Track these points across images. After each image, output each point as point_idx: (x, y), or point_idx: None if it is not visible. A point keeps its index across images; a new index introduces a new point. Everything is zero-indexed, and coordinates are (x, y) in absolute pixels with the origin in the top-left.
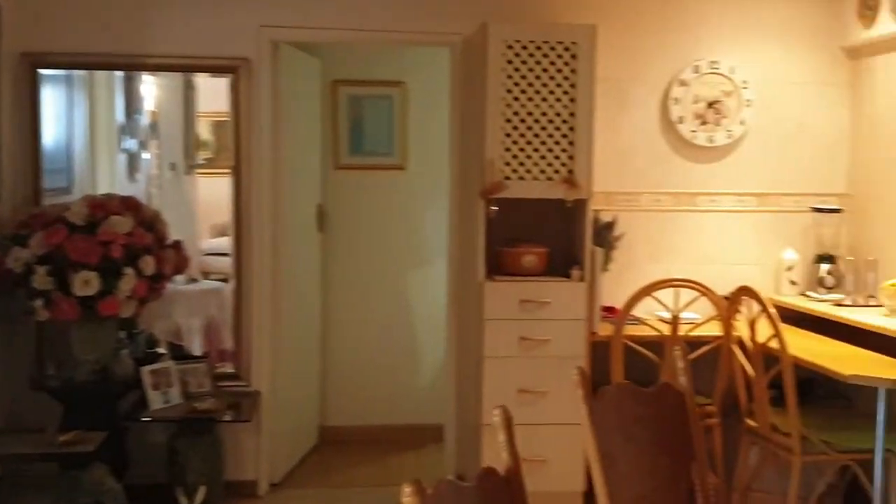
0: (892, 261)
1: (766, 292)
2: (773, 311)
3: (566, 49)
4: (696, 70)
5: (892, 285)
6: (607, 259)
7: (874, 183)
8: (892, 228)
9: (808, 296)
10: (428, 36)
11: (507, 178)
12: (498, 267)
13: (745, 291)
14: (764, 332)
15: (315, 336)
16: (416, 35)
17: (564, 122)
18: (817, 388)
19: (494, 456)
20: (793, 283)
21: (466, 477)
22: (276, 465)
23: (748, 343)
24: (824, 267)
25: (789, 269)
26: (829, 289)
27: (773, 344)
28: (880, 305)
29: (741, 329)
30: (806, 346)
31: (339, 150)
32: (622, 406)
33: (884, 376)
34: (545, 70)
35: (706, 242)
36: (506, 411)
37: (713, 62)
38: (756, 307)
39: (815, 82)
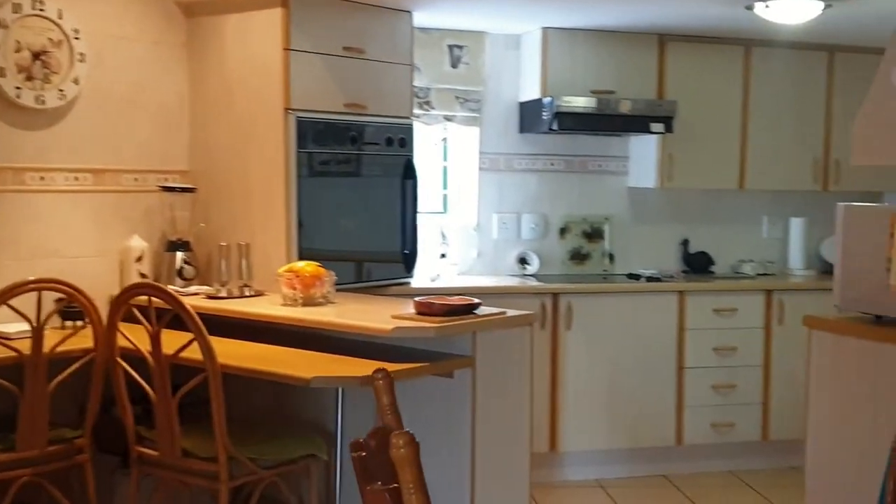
0: (260, 245)
1: (112, 288)
2: (190, 309)
3: None
4: (18, 9)
5: (288, 271)
6: None
7: (219, 159)
8: (247, 209)
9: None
10: None
11: None
12: None
13: (143, 288)
14: (170, 338)
15: None
16: None
17: None
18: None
19: None
20: (143, 275)
21: None
22: None
23: (147, 355)
24: (180, 255)
25: (139, 259)
26: (188, 280)
27: (189, 352)
28: (260, 294)
29: (142, 337)
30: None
31: None
32: None
33: (346, 374)
34: None
35: (40, 231)
36: None
37: (38, 1)
38: (161, 307)
39: (151, 40)
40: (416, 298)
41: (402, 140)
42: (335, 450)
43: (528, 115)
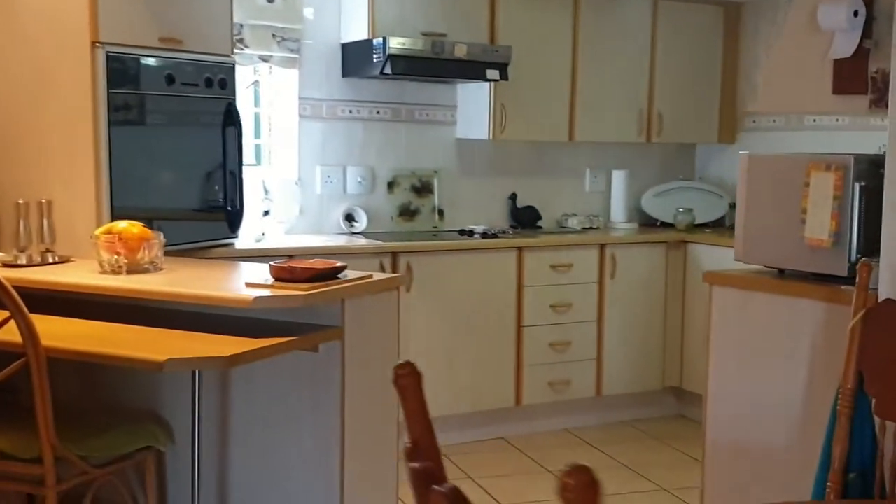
0: (62, 205)
1: None
2: (3, 281)
3: None
4: None
5: (107, 233)
6: None
7: (10, 103)
8: (46, 162)
9: None
10: None
11: None
12: None
13: None
14: None
15: None
16: None
17: None
18: None
19: None
20: None
21: None
22: None
23: None
24: None
25: None
26: None
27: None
28: (66, 260)
29: None
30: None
31: None
32: None
33: (205, 355)
34: None
35: None
36: None
37: None
38: None
39: None
40: (272, 263)
41: (222, 81)
42: (191, 441)
43: (354, 58)
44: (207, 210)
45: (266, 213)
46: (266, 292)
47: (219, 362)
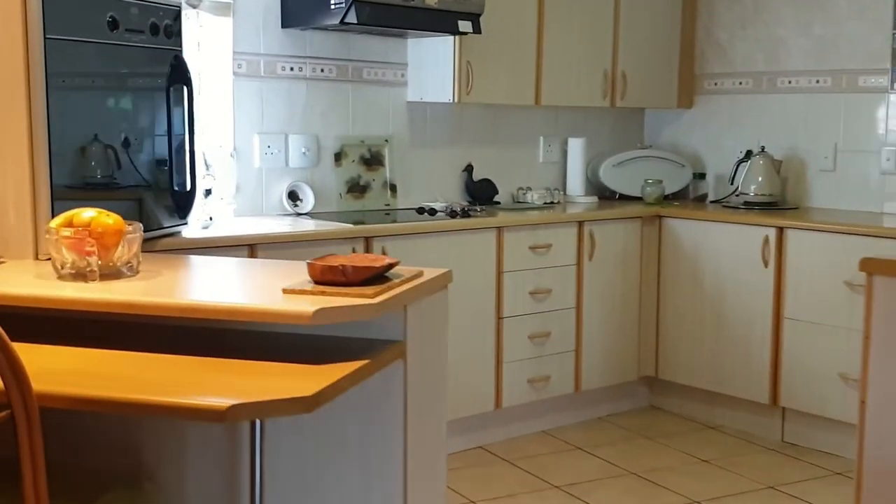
0: None
1: None
2: None
3: None
4: None
5: (70, 226)
6: None
7: None
8: None
9: None
10: None
11: None
12: None
13: None
14: None
15: None
16: None
17: None
18: None
19: None
20: None
21: None
22: None
23: None
24: None
25: None
26: None
27: None
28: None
29: None
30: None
31: None
32: None
33: (278, 396)
34: None
35: None
36: None
37: None
38: None
39: None
40: (312, 261)
41: (168, 28)
42: None
43: (298, 4)
44: (151, 190)
45: (208, 192)
46: (323, 301)
47: (299, 405)
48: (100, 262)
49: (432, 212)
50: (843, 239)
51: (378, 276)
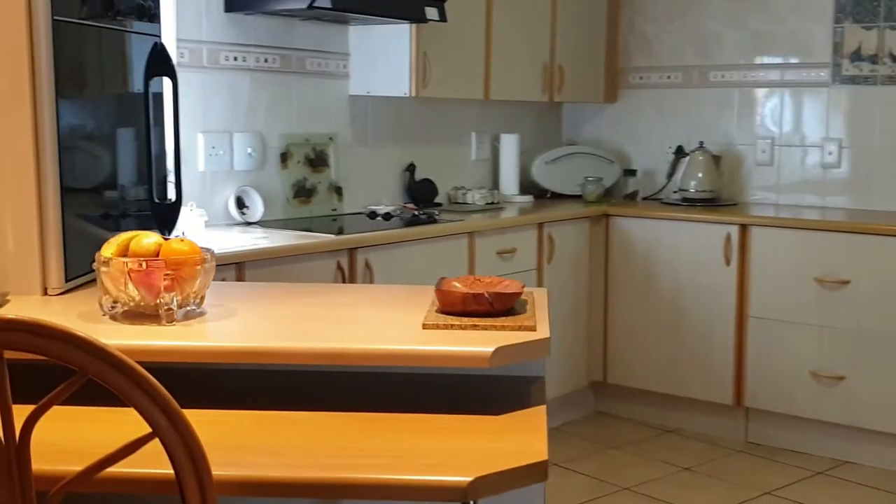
0: None
1: None
2: (131, 364)
3: None
4: None
5: (134, 254)
6: None
7: None
8: None
9: None
10: None
11: None
12: None
13: None
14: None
15: None
16: None
17: None
18: None
19: None
20: None
21: None
22: None
23: None
24: None
25: None
26: None
27: None
28: (4, 300)
29: None
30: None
31: None
32: None
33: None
34: None
35: None
36: None
37: None
38: None
39: None
40: (444, 287)
41: (151, 11)
42: None
43: None
44: (130, 202)
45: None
46: (491, 339)
47: (538, 472)
48: (179, 299)
49: (387, 216)
50: (811, 235)
51: (513, 300)
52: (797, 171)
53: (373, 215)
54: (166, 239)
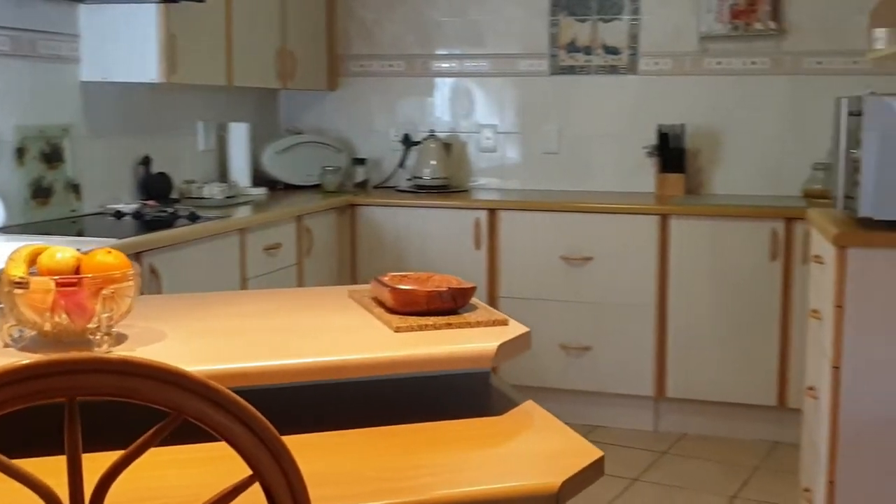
0: None
1: None
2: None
3: None
4: None
5: (48, 269)
6: None
7: None
8: None
9: None
10: None
11: None
12: None
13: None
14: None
15: None
16: None
17: None
18: None
19: None
20: None
21: None
22: None
23: None
24: None
25: None
26: None
27: None
28: None
29: None
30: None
31: None
32: None
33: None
34: None
35: None
36: None
37: None
38: None
39: None
40: (391, 286)
41: None
42: None
43: None
44: None
45: None
46: (490, 335)
47: (600, 468)
48: (111, 320)
49: (137, 216)
50: (556, 217)
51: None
52: (520, 157)
53: (119, 215)
54: (82, 252)
